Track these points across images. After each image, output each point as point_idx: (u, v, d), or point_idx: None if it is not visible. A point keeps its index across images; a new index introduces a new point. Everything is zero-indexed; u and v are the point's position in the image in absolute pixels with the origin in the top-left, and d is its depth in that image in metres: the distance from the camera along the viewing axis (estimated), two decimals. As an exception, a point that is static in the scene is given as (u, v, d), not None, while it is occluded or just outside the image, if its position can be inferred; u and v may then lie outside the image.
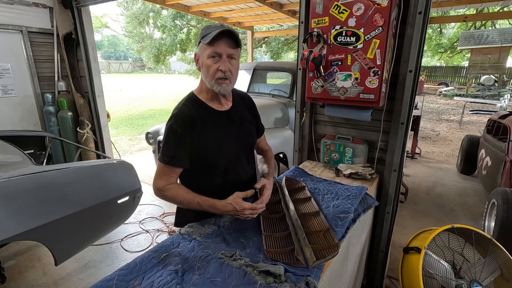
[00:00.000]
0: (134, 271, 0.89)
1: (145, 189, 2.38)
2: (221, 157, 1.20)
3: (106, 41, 43.35)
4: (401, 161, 1.74)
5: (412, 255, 1.72)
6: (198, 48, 1.14)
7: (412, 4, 1.54)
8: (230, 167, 1.24)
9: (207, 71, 1.11)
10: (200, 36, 1.11)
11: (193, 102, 1.18)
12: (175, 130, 1.11)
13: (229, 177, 1.25)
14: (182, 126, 1.12)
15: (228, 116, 1.22)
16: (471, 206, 3.46)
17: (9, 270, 2.24)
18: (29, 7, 3.23)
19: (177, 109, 1.16)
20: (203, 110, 1.17)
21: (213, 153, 1.18)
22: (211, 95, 1.18)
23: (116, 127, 7.68)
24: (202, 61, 1.12)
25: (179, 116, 1.13)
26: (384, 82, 1.58)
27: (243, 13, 5.78)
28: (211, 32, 1.05)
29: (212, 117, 1.18)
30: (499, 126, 3.70)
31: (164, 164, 1.14)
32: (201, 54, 1.12)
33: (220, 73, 1.09)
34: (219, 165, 1.21)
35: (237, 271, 0.86)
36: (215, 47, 1.07)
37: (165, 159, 1.13)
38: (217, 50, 1.07)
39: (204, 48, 1.09)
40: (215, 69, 1.09)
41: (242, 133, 1.27)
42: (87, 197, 1.78)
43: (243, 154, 1.30)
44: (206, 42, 1.06)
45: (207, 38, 1.06)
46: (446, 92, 15.68)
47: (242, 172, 1.30)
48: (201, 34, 1.11)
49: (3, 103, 3.24)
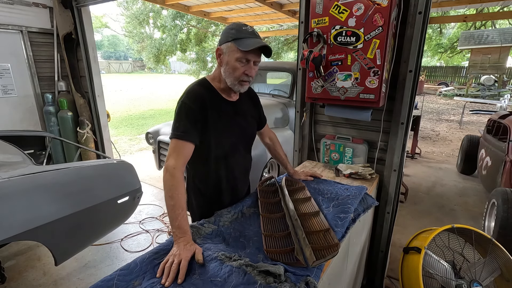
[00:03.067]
0: (135, 271, 0.89)
1: (145, 189, 2.38)
2: (223, 144, 1.25)
3: (106, 41, 43.34)
4: (401, 161, 1.74)
5: (412, 255, 1.72)
6: (225, 46, 1.15)
7: (412, 4, 1.54)
8: (230, 155, 1.28)
9: (232, 71, 1.15)
10: (231, 36, 1.12)
11: (205, 86, 1.22)
12: (189, 105, 1.15)
13: (228, 164, 1.29)
14: (195, 102, 1.15)
15: (234, 107, 1.28)
16: (471, 206, 3.46)
17: (9, 270, 2.24)
18: (29, 7, 3.23)
19: (190, 88, 1.20)
20: (214, 96, 1.22)
21: (217, 138, 1.22)
22: (224, 87, 1.23)
23: (116, 127, 7.68)
24: (228, 60, 1.15)
25: (192, 94, 1.18)
26: (384, 82, 1.58)
27: (243, 13, 5.78)
28: (246, 38, 1.10)
29: (221, 104, 1.23)
30: (499, 126, 3.70)
31: (176, 140, 1.12)
32: (228, 53, 1.14)
33: (246, 77, 1.16)
34: (219, 151, 1.25)
35: (237, 271, 0.86)
36: (247, 54, 1.11)
37: (178, 134, 1.12)
38: (248, 57, 1.13)
39: (235, 50, 1.12)
40: (241, 73, 1.15)
41: (245, 124, 1.33)
42: (87, 197, 1.78)
43: (243, 144, 1.35)
44: (242, 49, 1.09)
45: (242, 45, 1.09)
46: (446, 92, 15.68)
47: (239, 161, 1.35)
48: (233, 35, 1.12)
49: (3, 103, 3.24)
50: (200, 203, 1.36)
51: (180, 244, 0.94)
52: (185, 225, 1.00)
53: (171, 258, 0.90)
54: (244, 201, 1.36)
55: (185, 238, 0.97)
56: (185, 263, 0.88)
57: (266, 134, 1.57)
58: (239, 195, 1.42)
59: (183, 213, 1.02)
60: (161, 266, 0.89)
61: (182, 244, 0.94)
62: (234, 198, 1.38)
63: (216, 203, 1.33)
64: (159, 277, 0.86)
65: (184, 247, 0.93)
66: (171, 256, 0.91)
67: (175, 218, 1.00)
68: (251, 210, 1.30)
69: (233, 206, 1.31)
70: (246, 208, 1.30)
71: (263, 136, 1.57)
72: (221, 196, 1.34)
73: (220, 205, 1.32)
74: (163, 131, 3.45)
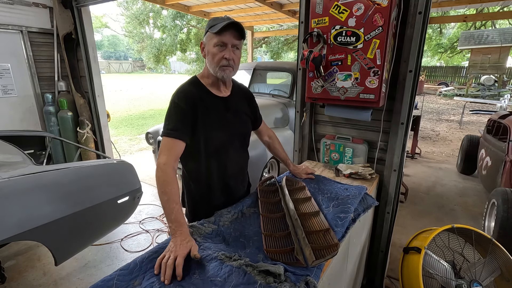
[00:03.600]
0: (134, 271, 0.89)
1: (145, 189, 2.38)
2: (213, 140, 1.26)
3: (106, 41, 43.33)
4: (401, 161, 1.74)
5: (412, 255, 1.72)
6: (205, 37, 1.22)
7: (412, 4, 1.54)
8: (222, 150, 1.30)
9: (212, 58, 1.19)
10: (208, 26, 1.19)
11: (195, 84, 1.26)
12: (178, 104, 1.18)
13: (220, 160, 1.30)
14: (185, 101, 1.19)
15: (225, 103, 1.30)
16: (471, 206, 3.46)
17: (9, 270, 2.24)
18: (29, 7, 3.23)
19: (180, 88, 1.24)
20: (203, 93, 1.25)
21: (207, 134, 1.24)
22: (212, 81, 1.27)
23: (116, 127, 7.68)
24: (208, 49, 1.20)
25: (182, 93, 1.21)
26: (384, 82, 1.58)
27: (243, 13, 5.79)
28: (219, 23, 1.14)
29: (211, 100, 1.26)
30: (499, 126, 3.70)
31: (167, 138, 1.14)
32: (207, 43, 1.20)
33: (225, 61, 1.18)
34: (210, 147, 1.26)
35: (237, 270, 0.86)
36: (222, 36, 1.15)
37: (169, 132, 1.15)
38: (223, 40, 1.15)
39: (211, 37, 1.17)
40: (220, 57, 1.17)
41: (236, 120, 1.34)
42: (87, 197, 1.78)
43: (236, 140, 1.36)
44: (214, 32, 1.14)
45: (215, 28, 1.14)
46: (446, 92, 15.68)
47: (232, 158, 1.35)
48: (209, 24, 1.19)
49: (3, 103, 3.24)
50: (191, 199, 1.37)
51: (177, 238, 0.95)
52: (181, 218, 1.01)
53: (167, 254, 0.90)
54: (244, 201, 1.36)
55: (182, 231, 0.97)
56: (181, 259, 0.88)
57: (264, 132, 1.58)
58: (233, 193, 1.40)
59: (178, 206, 1.03)
60: (157, 261, 0.89)
61: (179, 239, 0.94)
62: (227, 195, 1.37)
63: (207, 200, 1.34)
64: (157, 274, 0.87)
65: (181, 243, 0.93)
66: (167, 252, 0.91)
67: (170, 212, 1.01)
68: (251, 210, 1.30)
69: (233, 206, 1.31)
70: (246, 208, 1.30)
71: (262, 135, 1.58)
72: (212, 193, 1.34)
73: (211, 202, 1.33)
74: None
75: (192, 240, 0.97)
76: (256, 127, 1.52)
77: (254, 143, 1.63)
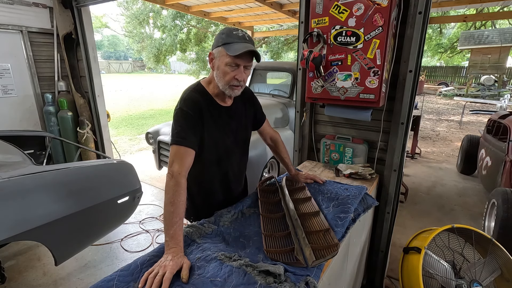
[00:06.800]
0: (135, 272, 0.88)
1: (145, 189, 2.38)
2: (218, 149, 1.26)
3: (106, 41, 43.33)
4: (401, 161, 1.74)
5: (412, 255, 1.72)
6: (215, 50, 1.15)
7: (412, 4, 1.54)
8: (224, 158, 1.30)
9: (223, 75, 1.15)
10: (221, 41, 1.12)
11: (200, 92, 1.23)
12: (187, 112, 1.15)
13: (222, 167, 1.31)
14: (193, 109, 1.16)
15: (228, 112, 1.29)
16: (471, 206, 3.45)
17: (9, 270, 2.24)
18: (29, 7, 3.23)
19: (186, 95, 1.21)
20: (209, 101, 1.23)
21: (211, 144, 1.23)
22: (218, 92, 1.23)
23: (116, 127, 7.68)
24: (219, 65, 1.15)
25: (189, 101, 1.18)
26: (384, 82, 1.58)
27: (243, 13, 5.78)
28: (235, 44, 1.09)
29: (215, 109, 1.25)
30: (499, 126, 3.70)
31: (179, 146, 1.11)
32: (219, 58, 1.14)
33: (236, 82, 1.16)
34: (213, 156, 1.26)
35: (237, 271, 0.86)
36: (236, 59, 1.11)
37: (180, 141, 1.12)
38: (237, 62, 1.12)
39: (224, 55, 1.11)
40: (231, 77, 1.14)
41: (239, 128, 1.34)
42: (87, 197, 1.78)
43: (237, 147, 1.36)
44: (230, 54, 1.09)
45: (230, 50, 1.09)
46: (446, 92, 15.67)
47: (234, 164, 1.36)
48: (223, 40, 1.12)
49: (3, 103, 3.24)
50: (191, 203, 1.37)
51: (169, 255, 0.91)
52: (179, 235, 0.97)
53: (156, 269, 0.86)
54: (244, 201, 1.36)
55: (176, 249, 0.93)
56: (170, 275, 0.84)
57: (268, 134, 1.54)
58: (232, 194, 1.43)
59: (180, 222, 0.99)
60: (144, 275, 0.85)
61: (171, 255, 0.91)
62: (227, 197, 1.39)
63: (208, 202, 1.35)
64: (141, 287, 0.82)
65: (172, 258, 0.89)
66: (157, 266, 0.87)
67: (170, 226, 0.97)
68: (251, 210, 1.30)
69: (233, 206, 1.31)
70: (246, 208, 1.30)
71: (265, 137, 1.55)
72: (213, 197, 1.36)
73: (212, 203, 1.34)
74: (163, 131, 3.45)
75: (184, 257, 0.93)
76: (257, 127, 1.48)
77: (254, 142, 1.62)
